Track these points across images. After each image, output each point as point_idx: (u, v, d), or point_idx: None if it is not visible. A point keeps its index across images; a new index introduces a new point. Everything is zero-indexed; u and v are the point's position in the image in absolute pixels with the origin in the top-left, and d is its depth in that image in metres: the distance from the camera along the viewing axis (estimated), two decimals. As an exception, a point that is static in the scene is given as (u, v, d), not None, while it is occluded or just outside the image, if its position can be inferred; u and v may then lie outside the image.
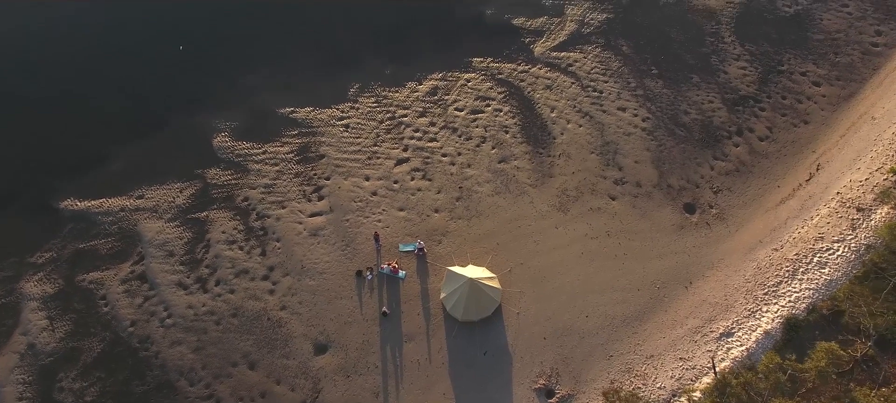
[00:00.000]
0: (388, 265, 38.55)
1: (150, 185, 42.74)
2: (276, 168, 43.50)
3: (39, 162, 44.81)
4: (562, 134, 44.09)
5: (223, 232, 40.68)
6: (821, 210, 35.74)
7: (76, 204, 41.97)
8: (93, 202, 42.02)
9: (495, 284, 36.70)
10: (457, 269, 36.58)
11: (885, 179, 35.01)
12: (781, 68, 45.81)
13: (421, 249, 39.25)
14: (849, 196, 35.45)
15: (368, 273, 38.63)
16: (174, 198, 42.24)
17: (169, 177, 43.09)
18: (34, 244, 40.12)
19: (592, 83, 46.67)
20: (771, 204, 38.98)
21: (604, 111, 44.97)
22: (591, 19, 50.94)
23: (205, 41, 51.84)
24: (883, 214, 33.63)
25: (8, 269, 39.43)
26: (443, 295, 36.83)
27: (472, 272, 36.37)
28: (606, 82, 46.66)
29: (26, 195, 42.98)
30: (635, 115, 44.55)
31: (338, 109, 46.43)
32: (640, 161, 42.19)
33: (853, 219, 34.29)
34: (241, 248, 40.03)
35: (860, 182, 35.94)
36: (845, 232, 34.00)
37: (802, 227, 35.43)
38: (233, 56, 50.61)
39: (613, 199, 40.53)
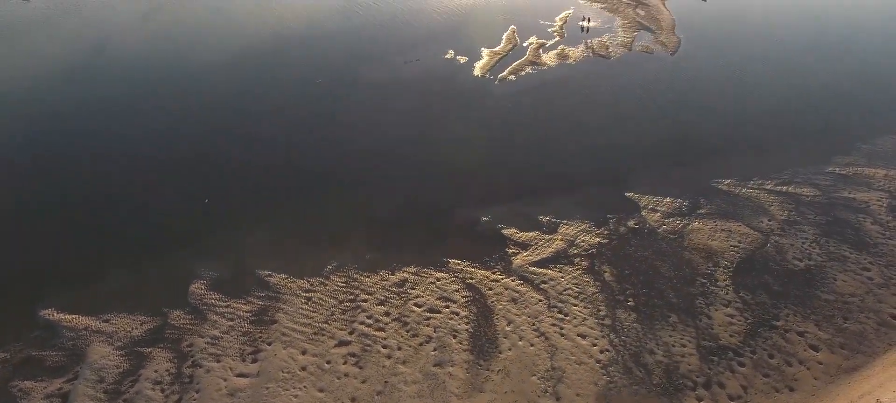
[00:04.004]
0: (278, 443, 35.91)
1: (120, 312, 45.78)
2: (231, 323, 44.68)
3: (44, 266, 50.27)
4: (509, 349, 40.34)
5: (155, 371, 41.37)
6: None
7: (53, 315, 45.91)
8: (67, 316, 45.70)
9: None
10: (336, 465, 32.90)
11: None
12: (776, 323, 38.88)
13: (318, 435, 36.29)
14: None
15: (258, 447, 36.23)
16: (133, 329, 44.66)
17: (138, 309, 45.91)
18: None
19: (561, 304, 43.26)
20: (718, 481, 30.67)
21: (562, 334, 40.82)
22: (582, 241, 48.91)
23: (221, 196, 58.18)
24: None
25: (-34, 361, 43.08)
26: (310, 491, 32.82)
27: (347, 472, 32.44)
28: (576, 305, 42.98)
29: (17, 294, 47.56)
30: (594, 345, 39.71)
31: (308, 282, 47.75)
32: (582, 394, 36.53)
33: None
34: (162, 391, 40.08)
35: (841, 479, 27.44)
36: None
37: None
38: (239, 213, 55.80)
39: (537, 431, 34.91)
